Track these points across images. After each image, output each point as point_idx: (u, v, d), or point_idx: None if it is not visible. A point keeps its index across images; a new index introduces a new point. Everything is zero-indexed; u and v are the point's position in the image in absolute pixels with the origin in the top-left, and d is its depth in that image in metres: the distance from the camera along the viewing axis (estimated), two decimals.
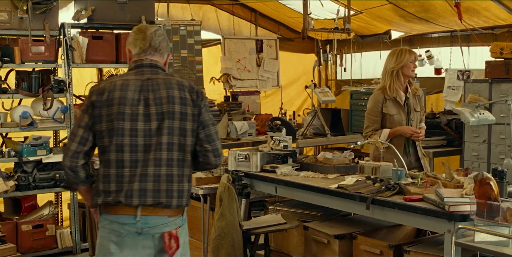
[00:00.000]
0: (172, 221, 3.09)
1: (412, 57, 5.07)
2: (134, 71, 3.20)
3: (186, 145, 3.12)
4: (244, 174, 5.09)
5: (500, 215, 3.33)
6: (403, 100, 5.10)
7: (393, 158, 4.91)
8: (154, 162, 3.05)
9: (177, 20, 7.77)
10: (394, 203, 3.91)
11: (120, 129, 3.06)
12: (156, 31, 3.23)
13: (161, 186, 3.05)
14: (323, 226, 4.74)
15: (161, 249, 3.07)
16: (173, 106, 3.09)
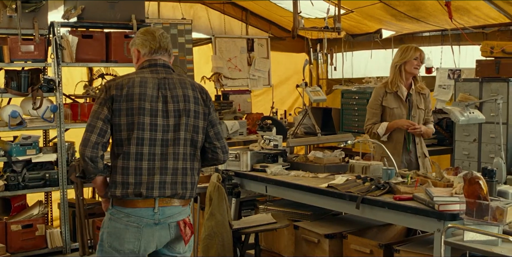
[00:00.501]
0: (184, 210, 3.35)
1: (416, 55, 5.08)
2: (148, 69, 3.36)
3: (198, 141, 3.35)
4: (234, 173, 5.07)
5: (489, 214, 3.32)
6: (404, 95, 5.10)
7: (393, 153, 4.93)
8: (173, 155, 3.27)
9: (167, 19, 7.75)
10: (384, 202, 3.90)
11: (141, 123, 3.23)
12: (163, 34, 3.45)
13: (178, 179, 3.29)
14: (314, 225, 4.72)
15: (176, 237, 3.32)
16: (188, 104, 3.31)
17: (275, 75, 8.77)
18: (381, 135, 5.07)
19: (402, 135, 5.09)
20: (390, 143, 5.09)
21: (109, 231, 3.28)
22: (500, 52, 6.20)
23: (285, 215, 4.92)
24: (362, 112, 7.31)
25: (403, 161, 5.11)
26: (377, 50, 8.17)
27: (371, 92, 7.25)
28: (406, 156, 5.14)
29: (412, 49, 5.12)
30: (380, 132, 5.07)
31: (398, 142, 5.09)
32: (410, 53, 5.08)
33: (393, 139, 5.11)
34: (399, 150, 5.09)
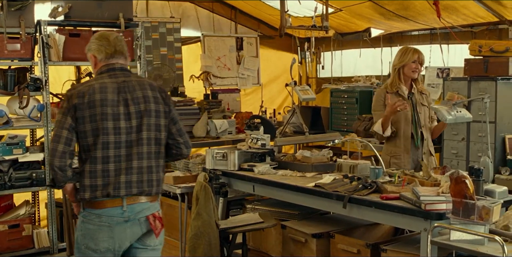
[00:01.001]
0: (153, 205, 3.48)
1: (414, 58, 5.00)
2: (106, 74, 3.49)
3: (161, 139, 3.50)
4: (221, 172, 5.05)
5: (475, 213, 3.32)
6: (406, 93, 5.03)
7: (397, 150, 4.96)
8: (138, 155, 3.40)
9: (156, 18, 7.71)
10: (370, 201, 3.89)
11: (105, 128, 3.36)
12: (117, 37, 3.57)
13: (143, 177, 3.42)
14: (301, 224, 4.71)
15: (147, 231, 3.45)
16: (149, 105, 3.44)
17: (265, 74, 8.74)
18: (379, 131, 4.94)
19: (409, 131, 4.98)
20: (398, 140, 5.00)
21: (83, 233, 3.41)
22: (489, 51, 6.20)
23: (272, 214, 4.90)
24: (351, 111, 7.33)
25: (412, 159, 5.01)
26: (366, 49, 8.16)
27: (360, 91, 7.31)
28: (414, 154, 5.04)
29: (410, 52, 5.04)
30: (377, 129, 4.95)
31: (406, 137, 4.99)
32: (408, 56, 5.01)
33: (400, 135, 4.99)
34: (408, 147, 4.99)
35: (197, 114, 7.37)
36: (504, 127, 6.00)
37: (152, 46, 7.64)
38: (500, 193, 3.94)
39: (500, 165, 5.92)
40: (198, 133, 7.27)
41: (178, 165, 5.84)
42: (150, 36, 7.62)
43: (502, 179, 5.77)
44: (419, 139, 5.03)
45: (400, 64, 5.04)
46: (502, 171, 5.84)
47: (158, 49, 7.68)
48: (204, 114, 7.40)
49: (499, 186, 4.06)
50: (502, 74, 6.02)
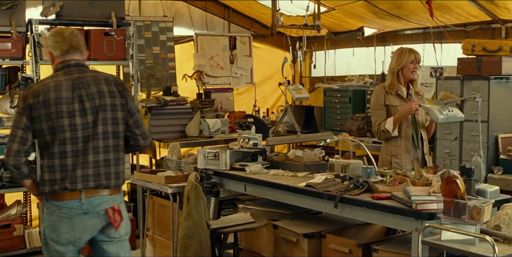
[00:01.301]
0: (112, 198, 3.58)
1: (411, 58, 5.01)
2: (62, 71, 3.59)
3: (119, 132, 3.61)
4: (213, 172, 5.03)
5: (466, 213, 3.30)
6: (405, 94, 5.07)
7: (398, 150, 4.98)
8: (94, 150, 3.50)
9: (149, 17, 7.68)
10: (362, 201, 3.87)
11: (61, 125, 3.47)
12: (72, 32, 3.65)
13: (100, 171, 3.53)
14: (293, 224, 4.68)
15: (107, 224, 3.56)
16: (104, 99, 3.55)
17: (258, 73, 8.71)
18: (390, 130, 4.96)
19: (410, 131, 5.03)
20: (399, 139, 5.03)
21: (48, 224, 3.55)
22: (481, 50, 6.18)
23: (264, 214, 4.87)
24: (344, 111, 7.31)
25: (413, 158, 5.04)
26: (359, 48, 8.14)
27: (353, 91, 7.29)
28: (414, 154, 5.08)
29: (406, 53, 5.05)
30: (389, 127, 4.95)
31: (407, 138, 5.02)
32: (405, 57, 5.01)
33: (401, 135, 5.03)
34: (408, 146, 5.03)
35: (190, 113, 7.36)
36: (497, 127, 5.98)
37: (145, 45, 7.61)
38: (491, 192, 3.93)
39: (493, 164, 5.90)
40: (191, 132, 7.26)
41: (170, 165, 5.82)
42: (142, 35, 7.59)
43: (495, 178, 5.75)
44: (419, 139, 5.07)
45: (398, 67, 5.05)
46: (494, 170, 5.82)
47: (151, 48, 7.66)
48: (197, 113, 7.38)
49: (491, 186, 4.05)
50: (495, 74, 5.99)
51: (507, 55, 6.07)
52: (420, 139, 5.09)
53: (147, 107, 7.07)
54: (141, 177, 5.59)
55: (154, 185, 5.39)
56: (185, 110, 7.36)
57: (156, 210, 5.73)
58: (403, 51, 5.07)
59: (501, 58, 5.99)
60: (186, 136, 7.27)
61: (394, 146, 5.05)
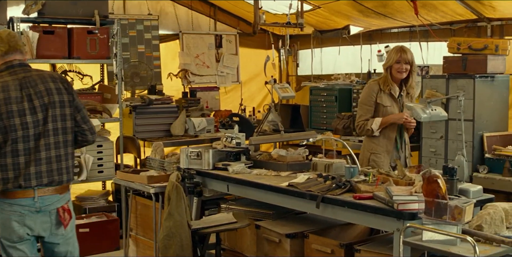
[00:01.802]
0: (62, 197, 3.69)
1: (397, 57, 4.87)
2: (6, 72, 3.65)
3: (68, 128, 3.71)
4: (196, 172, 4.98)
5: (448, 213, 3.27)
6: (397, 94, 4.97)
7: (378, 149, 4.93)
8: (45, 146, 3.60)
9: (133, 15, 7.61)
10: (343, 201, 3.83)
11: (12, 125, 3.55)
12: (9, 34, 3.75)
13: (53, 166, 3.63)
14: (275, 224, 4.64)
15: (57, 222, 3.66)
16: (52, 97, 3.64)
17: (244, 72, 8.65)
18: (375, 130, 4.91)
19: (394, 132, 4.97)
20: (381, 139, 4.98)
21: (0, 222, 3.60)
22: (467, 49, 6.16)
23: (247, 214, 4.82)
24: (330, 109, 7.26)
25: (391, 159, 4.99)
26: (345, 47, 8.10)
27: (339, 89, 7.24)
28: (395, 155, 5.01)
29: (393, 51, 4.93)
30: (374, 127, 4.90)
31: (389, 138, 4.97)
32: (392, 56, 4.91)
33: (384, 135, 4.96)
34: (389, 147, 4.98)
35: (175, 112, 7.31)
36: (482, 125, 5.96)
37: (130, 43, 7.55)
38: (474, 192, 3.90)
39: (478, 163, 5.88)
40: (176, 131, 7.20)
41: (153, 164, 5.75)
42: (127, 33, 7.52)
43: (480, 177, 5.74)
44: (403, 142, 5.02)
45: (386, 64, 4.96)
46: (480, 169, 5.80)
47: (136, 47, 7.59)
48: (182, 112, 7.32)
49: (474, 185, 4.02)
50: (481, 72, 5.98)
51: (493, 54, 6.06)
52: (403, 142, 5.05)
53: (132, 106, 7.01)
54: (123, 176, 5.53)
55: (136, 184, 5.32)
56: (170, 109, 7.30)
57: (139, 210, 5.66)
58: (392, 50, 4.97)
59: (486, 56, 5.98)
60: (171, 135, 7.21)
61: (375, 144, 5.00)
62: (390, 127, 4.97)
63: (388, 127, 4.97)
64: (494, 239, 3.26)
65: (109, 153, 6.60)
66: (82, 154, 6.37)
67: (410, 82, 5.00)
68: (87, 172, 6.35)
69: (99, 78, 7.16)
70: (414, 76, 5.00)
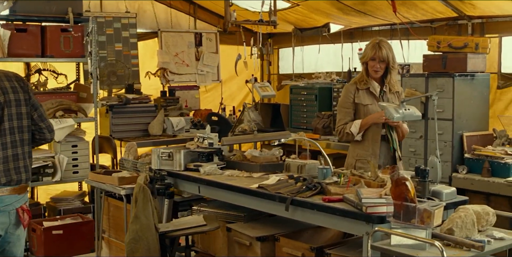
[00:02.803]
0: (22, 198, 3.66)
1: (371, 54, 4.50)
2: None
3: (24, 126, 3.68)
4: (167, 173, 4.87)
5: (416, 216, 3.16)
6: (377, 91, 4.60)
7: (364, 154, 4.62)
8: (2, 146, 3.57)
9: (110, 13, 7.47)
10: (312, 203, 3.72)
11: None
12: None
13: (10, 165, 3.60)
14: (246, 227, 4.52)
15: (15, 223, 3.63)
16: (8, 95, 3.60)
17: (225, 71, 8.52)
18: (355, 133, 4.56)
19: (379, 133, 4.57)
20: (366, 142, 4.60)
21: None
22: (447, 47, 6.07)
23: (219, 216, 4.70)
24: (311, 109, 7.16)
25: (381, 164, 4.55)
26: (325, 45, 8.00)
27: (319, 88, 7.14)
28: (386, 158, 4.63)
29: (369, 46, 4.54)
30: (354, 130, 4.55)
31: (375, 141, 4.57)
32: (367, 51, 4.54)
33: (368, 138, 4.59)
34: (376, 150, 4.58)
35: (153, 112, 7.20)
36: (462, 125, 5.87)
37: (107, 42, 7.42)
38: (447, 194, 3.80)
39: (457, 163, 5.79)
40: (154, 131, 7.09)
41: (126, 165, 5.64)
42: (104, 31, 7.39)
43: (459, 177, 5.65)
44: (394, 141, 4.59)
45: (362, 59, 4.63)
46: (459, 170, 5.71)
47: (113, 45, 7.45)
48: (161, 112, 7.21)
49: (447, 187, 3.92)
50: (461, 71, 5.89)
51: (473, 52, 5.97)
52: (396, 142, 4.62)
53: (108, 106, 6.89)
54: (95, 177, 5.41)
55: (107, 186, 5.21)
56: (148, 108, 7.19)
57: (111, 212, 5.54)
58: (369, 44, 4.57)
59: (466, 55, 5.89)
60: (149, 135, 7.10)
61: (359, 149, 4.65)
62: (374, 129, 4.58)
63: (371, 129, 4.59)
64: (463, 243, 3.16)
65: (84, 153, 6.47)
66: (56, 154, 6.25)
67: (389, 79, 4.62)
68: (62, 173, 6.22)
69: (75, 77, 7.03)
70: (393, 73, 4.64)
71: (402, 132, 4.69)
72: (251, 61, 7.73)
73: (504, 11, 5.91)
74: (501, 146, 5.77)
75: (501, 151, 5.56)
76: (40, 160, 6.11)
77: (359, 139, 4.62)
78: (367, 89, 4.64)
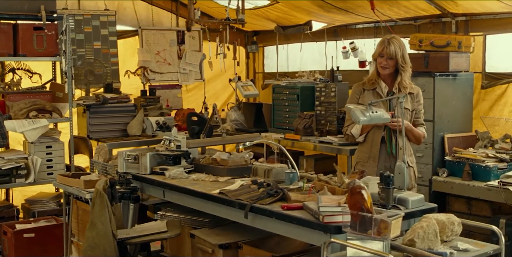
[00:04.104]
0: None
1: (380, 50, 4.35)
2: None
3: None
4: (132, 176, 4.71)
5: (373, 227, 2.99)
6: (385, 92, 4.40)
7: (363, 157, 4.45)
8: None
9: (89, 10, 7.29)
10: (271, 211, 3.56)
11: None
12: None
13: None
14: (210, 234, 4.36)
15: None
16: None
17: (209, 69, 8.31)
18: (356, 136, 4.44)
19: (379, 136, 4.38)
20: (366, 145, 4.45)
21: None
22: (429, 46, 5.90)
23: (184, 221, 4.54)
24: (293, 108, 6.98)
25: (381, 167, 4.35)
26: (307, 43, 7.81)
27: (301, 87, 6.94)
28: (386, 162, 4.40)
29: (379, 43, 4.40)
30: (355, 132, 4.42)
31: (374, 144, 4.40)
32: (377, 48, 4.39)
33: (369, 140, 4.43)
34: (375, 153, 4.40)
35: (132, 111, 7.02)
36: (444, 126, 5.69)
37: (85, 40, 7.23)
38: (414, 201, 3.63)
39: (438, 165, 5.61)
40: (132, 131, 6.92)
41: (96, 167, 5.49)
42: (82, 29, 7.21)
43: (439, 181, 5.47)
44: (393, 145, 4.37)
45: (373, 57, 4.46)
46: (439, 173, 5.53)
47: (91, 43, 7.27)
48: (140, 111, 7.04)
49: (415, 194, 3.75)
50: (443, 70, 5.71)
51: (455, 51, 5.80)
52: (395, 145, 4.35)
53: (85, 105, 6.73)
54: (63, 180, 5.25)
55: (74, 189, 5.05)
56: (127, 108, 7.02)
57: (80, 216, 5.37)
58: (380, 41, 4.42)
59: (448, 54, 5.71)
60: (128, 135, 6.93)
61: (360, 151, 4.52)
62: (375, 131, 4.41)
63: (372, 132, 4.42)
64: (423, 255, 2.99)
65: (59, 154, 6.32)
66: (29, 155, 6.11)
67: (399, 80, 4.40)
68: (35, 174, 6.08)
69: (51, 76, 6.87)
70: (404, 74, 4.41)
71: (414, 135, 4.45)
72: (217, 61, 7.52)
73: (487, 8, 5.72)
74: (483, 148, 5.59)
75: (482, 153, 5.37)
76: (12, 161, 5.98)
77: (361, 140, 4.49)
78: (373, 90, 4.45)
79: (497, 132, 5.82)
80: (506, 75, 5.85)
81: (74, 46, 7.08)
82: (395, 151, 4.37)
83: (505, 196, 4.91)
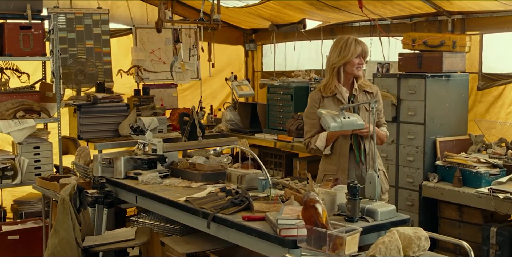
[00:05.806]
0: None
1: (358, 51, 4.08)
2: None
3: None
4: (106, 180, 4.60)
5: (327, 243, 2.83)
6: (346, 97, 4.18)
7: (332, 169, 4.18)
8: None
9: (81, 9, 7.17)
10: (232, 222, 3.42)
11: None
12: None
13: None
14: (180, 242, 4.20)
15: None
16: None
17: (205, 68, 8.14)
18: (321, 148, 4.16)
19: (347, 146, 4.14)
20: (334, 157, 4.18)
21: None
22: (422, 45, 5.70)
23: (156, 228, 4.41)
24: (287, 109, 6.81)
25: (351, 177, 4.09)
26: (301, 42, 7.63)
27: (295, 87, 6.77)
28: (356, 170, 4.17)
29: (352, 44, 4.09)
30: (320, 145, 4.15)
31: (342, 154, 4.14)
32: (350, 50, 4.08)
33: (336, 151, 4.17)
34: (344, 165, 4.15)
35: (124, 111, 6.91)
36: (436, 129, 5.48)
37: (77, 39, 7.12)
38: (383, 213, 3.45)
39: (429, 170, 5.41)
40: (124, 131, 6.79)
41: (78, 170, 5.38)
42: (74, 28, 7.10)
43: (430, 186, 5.28)
44: (362, 153, 4.15)
45: (341, 61, 4.12)
46: (430, 178, 5.33)
47: (84, 42, 7.16)
48: (133, 111, 6.92)
49: (386, 205, 3.57)
50: (436, 71, 5.51)
51: (449, 51, 5.59)
52: (364, 152, 4.15)
53: (76, 105, 6.63)
54: (41, 183, 5.16)
55: (51, 192, 4.95)
56: (119, 108, 6.90)
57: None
58: (348, 42, 4.11)
59: (442, 54, 5.51)
60: (119, 136, 6.82)
61: (327, 164, 4.24)
62: (341, 141, 4.16)
63: (338, 142, 4.17)
64: None
65: (47, 154, 6.22)
66: (16, 156, 6.02)
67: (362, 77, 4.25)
68: (22, 175, 5.99)
69: (41, 75, 6.77)
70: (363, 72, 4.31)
71: (379, 137, 4.23)
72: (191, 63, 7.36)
73: (482, 7, 5.50)
74: (476, 152, 5.38)
75: (474, 158, 5.16)
76: None
77: (328, 152, 4.20)
78: (333, 96, 4.19)
79: (494, 135, 5.61)
80: (503, 76, 5.62)
81: (66, 45, 6.98)
82: (364, 158, 4.16)
83: (495, 204, 4.71)
